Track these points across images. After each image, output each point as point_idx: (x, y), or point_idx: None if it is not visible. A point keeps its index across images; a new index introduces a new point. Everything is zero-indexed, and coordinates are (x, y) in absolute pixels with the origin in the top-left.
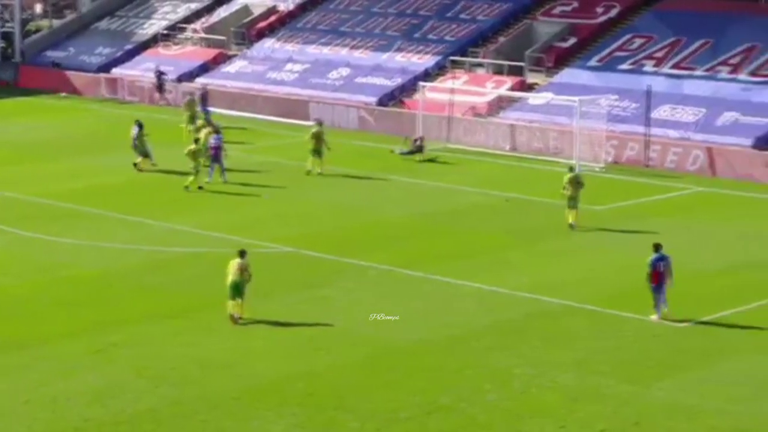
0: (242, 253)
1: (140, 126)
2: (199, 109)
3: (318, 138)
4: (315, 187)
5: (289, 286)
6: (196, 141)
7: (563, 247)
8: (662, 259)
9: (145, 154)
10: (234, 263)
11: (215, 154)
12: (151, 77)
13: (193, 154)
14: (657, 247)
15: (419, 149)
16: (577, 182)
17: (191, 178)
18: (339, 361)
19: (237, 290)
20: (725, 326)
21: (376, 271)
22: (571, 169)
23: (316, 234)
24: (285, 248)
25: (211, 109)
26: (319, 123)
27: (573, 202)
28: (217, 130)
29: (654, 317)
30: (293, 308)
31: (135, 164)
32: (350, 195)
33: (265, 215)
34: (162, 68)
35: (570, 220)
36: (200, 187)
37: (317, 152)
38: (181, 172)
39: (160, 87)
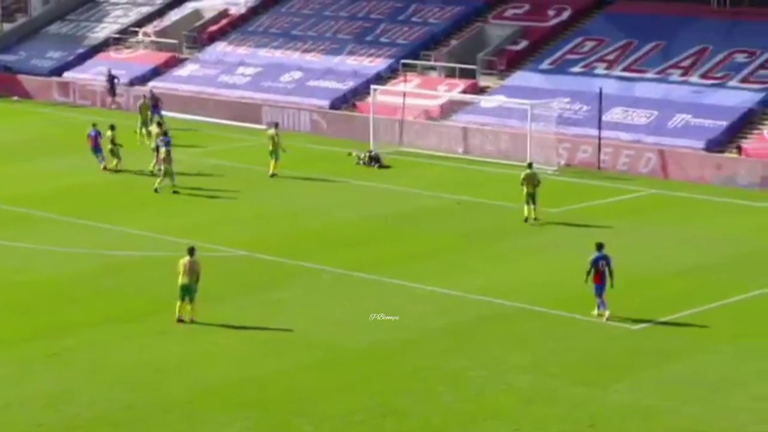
0: (191, 251)
1: (113, 128)
2: (150, 113)
3: (273, 140)
4: (268, 190)
5: (242, 289)
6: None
7: (516, 250)
8: (604, 258)
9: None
10: (183, 262)
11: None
12: (102, 81)
13: (165, 157)
14: (599, 246)
15: (376, 160)
16: (533, 179)
17: (160, 180)
18: (293, 364)
19: (187, 292)
20: (679, 327)
21: (330, 274)
22: (530, 166)
23: (270, 237)
24: (238, 251)
25: (163, 113)
26: (275, 125)
27: (531, 198)
28: (165, 132)
29: (595, 312)
30: (246, 311)
31: (113, 169)
32: (303, 198)
33: (218, 218)
34: (114, 71)
35: (531, 215)
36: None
37: (274, 154)
38: (133, 175)
39: (112, 90)
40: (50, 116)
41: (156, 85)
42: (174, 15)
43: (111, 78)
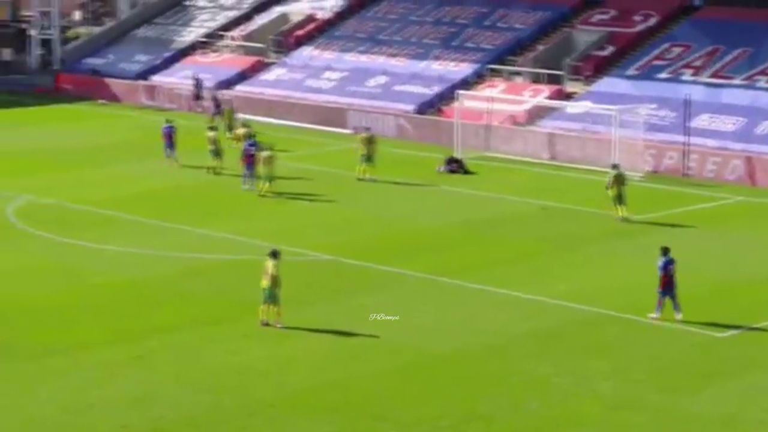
0: (275, 254)
1: (214, 129)
2: (239, 116)
3: (369, 143)
4: (354, 194)
5: (328, 294)
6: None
7: (601, 256)
8: (671, 262)
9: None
10: (268, 265)
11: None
12: (189, 84)
13: (269, 161)
14: (665, 251)
15: (461, 168)
16: (620, 179)
17: (266, 184)
18: (377, 369)
19: (270, 295)
20: (764, 335)
21: (415, 279)
22: (615, 166)
23: (355, 242)
24: (324, 256)
25: (250, 117)
26: (367, 129)
27: (619, 198)
28: (250, 135)
29: (653, 314)
30: (331, 316)
31: (212, 168)
32: (389, 203)
33: (304, 223)
34: (199, 75)
35: (621, 214)
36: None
37: (365, 158)
38: (219, 177)
39: (197, 94)
40: (137, 119)
41: (242, 89)
42: (261, 19)
43: (196, 81)
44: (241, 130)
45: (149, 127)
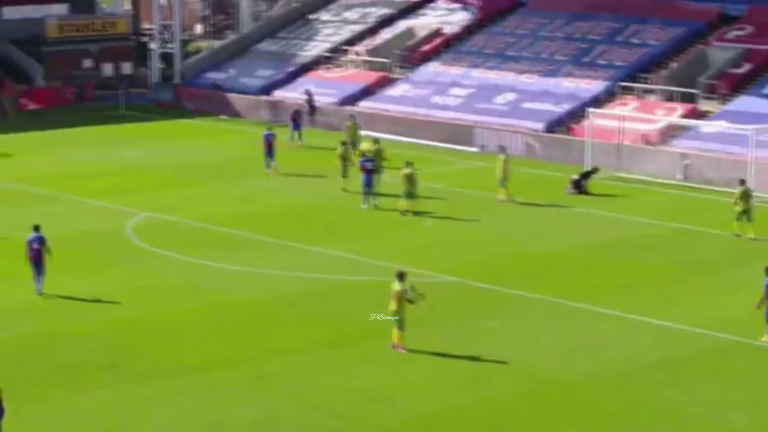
0: (401, 276)
1: (344, 144)
2: (360, 132)
3: (504, 164)
4: (479, 215)
5: (452, 316)
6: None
7: (734, 281)
8: None
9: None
10: (394, 287)
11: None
12: (304, 99)
13: (408, 179)
14: None
15: (584, 181)
16: (748, 195)
17: (404, 201)
18: (505, 394)
19: (396, 318)
20: None
21: (542, 302)
22: (742, 182)
23: (481, 263)
24: (448, 278)
25: (374, 134)
26: (503, 149)
27: (746, 215)
28: (364, 153)
29: (765, 338)
30: (456, 340)
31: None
32: (516, 224)
33: (428, 243)
34: (311, 89)
35: (747, 233)
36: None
37: (502, 180)
38: (337, 196)
39: (311, 108)
40: (258, 136)
41: (366, 105)
42: (386, 33)
43: (309, 95)
44: (365, 146)
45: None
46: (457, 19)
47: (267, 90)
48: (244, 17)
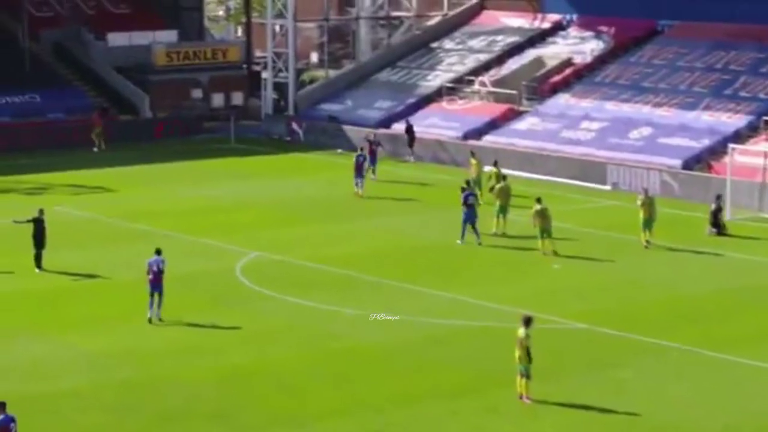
0: (527, 321)
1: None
2: (491, 168)
3: (645, 207)
4: (611, 257)
5: (582, 366)
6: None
7: None
8: None
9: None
10: (520, 333)
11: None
12: (436, 134)
13: (541, 216)
14: None
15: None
16: None
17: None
18: None
19: (522, 367)
20: None
21: (679, 351)
22: None
23: (612, 309)
24: (578, 324)
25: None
26: (645, 191)
27: None
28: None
29: None
30: (586, 390)
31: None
32: (651, 267)
33: (555, 287)
34: (410, 120)
35: None
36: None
37: (647, 222)
38: (457, 236)
39: (410, 140)
40: (378, 173)
41: (491, 139)
42: (513, 63)
43: (409, 128)
44: (493, 182)
45: (391, 179)
46: (589, 49)
47: (386, 122)
48: (362, 45)
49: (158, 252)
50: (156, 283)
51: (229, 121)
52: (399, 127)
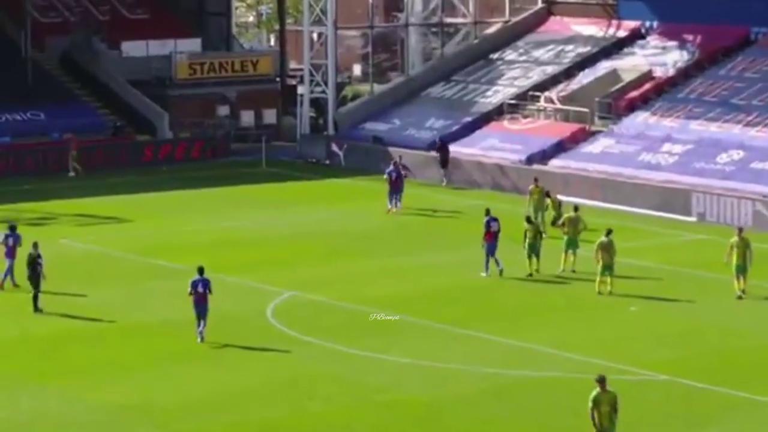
0: (601, 381)
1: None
2: (556, 198)
3: (737, 249)
4: (696, 298)
5: (662, 423)
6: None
7: None
8: None
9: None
10: (597, 396)
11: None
12: (496, 157)
13: (605, 249)
14: None
15: None
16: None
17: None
18: None
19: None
20: None
21: None
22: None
23: (697, 358)
24: (657, 375)
25: (564, 198)
26: (739, 231)
27: None
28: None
29: None
30: None
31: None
32: (741, 310)
33: (632, 332)
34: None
35: None
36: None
37: (742, 268)
38: (517, 275)
39: (444, 161)
40: (428, 199)
41: (558, 164)
42: (585, 77)
43: (442, 146)
44: (551, 212)
45: (442, 208)
46: (671, 60)
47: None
48: (412, 56)
49: (201, 271)
50: (201, 305)
51: (260, 143)
52: (456, 150)
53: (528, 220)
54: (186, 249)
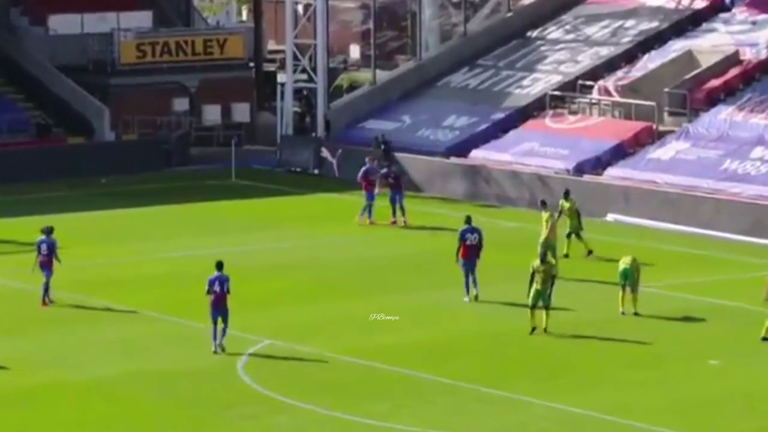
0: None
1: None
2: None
3: None
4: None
5: None
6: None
7: None
8: None
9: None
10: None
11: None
12: (536, 165)
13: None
14: None
15: None
16: None
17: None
18: None
19: None
20: None
21: None
22: None
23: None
24: None
25: (623, 218)
26: None
27: None
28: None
29: None
30: None
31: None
32: None
33: (714, 394)
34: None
35: None
36: None
37: None
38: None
39: (386, 155)
40: (439, 219)
41: (617, 173)
42: (650, 61)
43: (383, 143)
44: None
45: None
46: (764, 39)
47: (461, 148)
48: (426, 34)
49: (219, 266)
50: (219, 306)
51: (229, 147)
52: (478, 156)
53: (542, 257)
54: (132, 285)
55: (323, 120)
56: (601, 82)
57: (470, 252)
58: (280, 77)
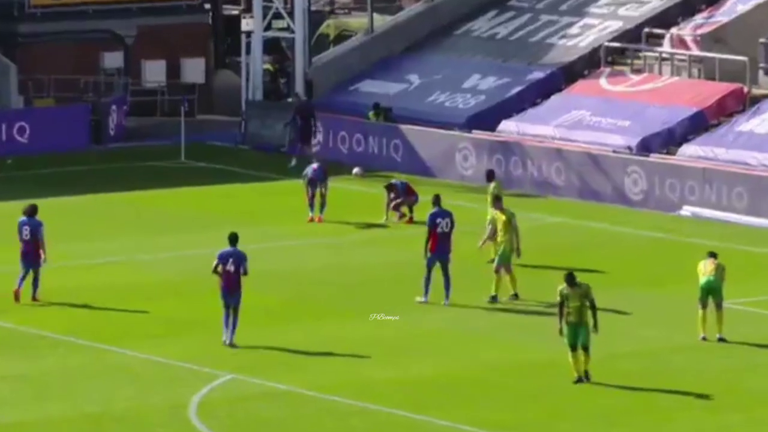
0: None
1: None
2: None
3: None
4: None
5: None
6: None
7: None
8: None
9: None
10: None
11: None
12: (586, 140)
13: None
14: None
15: None
16: None
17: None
18: None
19: None
20: None
21: None
22: None
23: None
24: None
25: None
26: None
27: None
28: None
29: None
30: None
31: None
32: None
33: None
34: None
35: None
36: None
37: None
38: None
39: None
40: (473, 213)
41: (695, 152)
42: (740, 2)
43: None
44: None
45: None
46: None
47: (487, 119)
48: None
49: (233, 239)
50: (230, 289)
51: (178, 117)
52: (510, 129)
53: (569, 279)
54: (42, 301)
55: (303, 80)
56: (674, 30)
57: (442, 242)
58: (246, 24)
